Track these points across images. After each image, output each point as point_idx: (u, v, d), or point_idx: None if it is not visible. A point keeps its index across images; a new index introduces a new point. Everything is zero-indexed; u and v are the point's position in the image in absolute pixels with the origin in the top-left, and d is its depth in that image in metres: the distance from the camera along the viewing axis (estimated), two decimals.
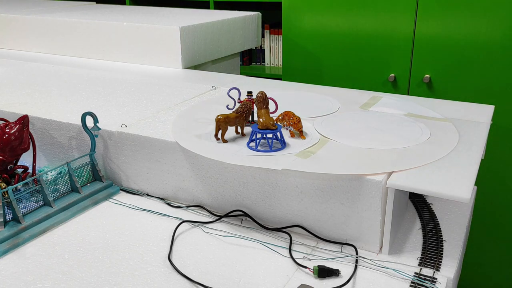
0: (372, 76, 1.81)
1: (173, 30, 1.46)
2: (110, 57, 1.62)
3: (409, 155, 0.80)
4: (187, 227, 0.85)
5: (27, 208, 0.86)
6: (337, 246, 0.78)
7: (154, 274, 0.72)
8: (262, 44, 2.62)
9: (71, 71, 1.46)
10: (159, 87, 1.26)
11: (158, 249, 0.78)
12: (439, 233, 0.81)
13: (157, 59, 1.53)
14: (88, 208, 0.91)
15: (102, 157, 0.99)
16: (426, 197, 0.93)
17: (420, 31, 1.68)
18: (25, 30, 1.78)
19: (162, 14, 1.80)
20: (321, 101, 1.10)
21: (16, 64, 1.57)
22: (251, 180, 0.83)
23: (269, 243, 0.79)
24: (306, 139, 0.88)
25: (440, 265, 0.73)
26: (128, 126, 0.96)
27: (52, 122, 1.03)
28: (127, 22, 1.57)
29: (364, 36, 1.78)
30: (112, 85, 1.29)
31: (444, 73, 1.68)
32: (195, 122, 0.98)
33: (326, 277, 0.71)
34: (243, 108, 0.89)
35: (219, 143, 0.87)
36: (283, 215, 0.82)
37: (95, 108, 1.09)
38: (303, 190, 0.78)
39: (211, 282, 0.70)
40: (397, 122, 0.95)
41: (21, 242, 0.80)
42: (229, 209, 0.87)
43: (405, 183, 0.71)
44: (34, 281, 0.71)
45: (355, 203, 0.75)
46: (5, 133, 0.91)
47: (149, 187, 0.96)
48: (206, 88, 1.25)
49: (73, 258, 0.76)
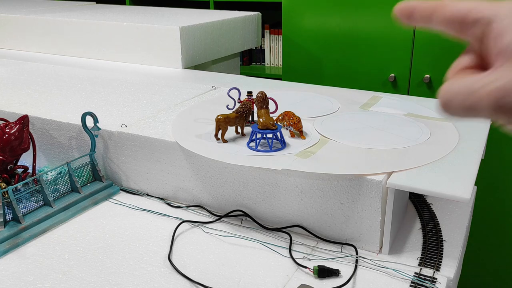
0: (372, 76, 1.81)
1: (173, 30, 1.46)
2: (110, 57, 1.62)
3: (409, 155, 0.80)
4: (187, 227, 0.85)
5: (27, 208, 0.86)
6: (337, 246, 0.78)
7: (154, 274, 0.72)
8: (262, 44, 2.62)
9: (71, 71, 1.46)
10: (159, 87, 1.26)
11: (158, 249, 0.78)
12: (439, 233, 0.81)
13: (157, 59, 1.53)
14: (88, 208, 0.91)
15: (102, 157, 0.99)
16: (426, 197, 0.93)
17: (420, 31, 1.68)
18: (25, 30, 1.78)
19: (162, 14, 1.80)
20: (321, 101, 1.10)
21: (16, 64, 1.57)
22: (251, 180, 0.83)
23: (269, 243, 0.79)
24: (306, 139, 0.88)
25: (440, 265, 0.73)
26: (128, 126, 0.96)
27: (52, 122, 1.03)
28: (127, 22, 1.57)
29: (364, 36, 1.78)
30: (112, 85, 1.29)
31: (444, 73, 1.67)
32: (195, 122, 0.98)
33: (326, 277, 0.71)
34: (243, 108, 0.89)
35: (219, 143, 0.87)
36: (283, 215, 0.82)
37: (95, 108, 1.09)
38: (303, 190, 0.78)
39: (211, 282, 0.70)
40: (397, 122, 0.95)
41: (21, 242, 0.80)
42: (229, 209, 0.87)
43: (405, 183, 0.71)
44: (34, 281, 0.71)
45: (355, 203, 0.75)
46: (5, 133, 0.91)
47: (149, 187, 0.96)
48: (206, 88, 1.25)
49: (73, 258, 0.76)
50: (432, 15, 0.31)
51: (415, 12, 0.32)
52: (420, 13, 0.32)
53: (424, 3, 0.32)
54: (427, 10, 0.32)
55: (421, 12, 0.32)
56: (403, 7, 0.32)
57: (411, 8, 0.32)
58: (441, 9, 0.31)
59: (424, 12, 0.32)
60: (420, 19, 0.32)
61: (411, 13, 0.32)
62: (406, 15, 0.32)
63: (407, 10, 0.32)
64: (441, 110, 0.31)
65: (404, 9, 0.32)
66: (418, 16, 0.32)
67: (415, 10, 0.32)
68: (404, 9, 0.32)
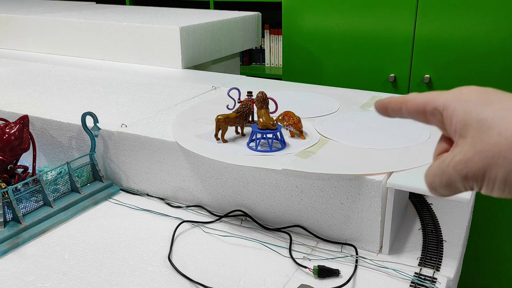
0: (372, 76, 1.81)
1: (173, 30, 1.46)
2: (110, 57, 1.62)
3: (409, 155, 0.80)
4: (187, 227, 0.85)
5: (27, 208, 0.86)
6: (337, 246, 0.78)
7: (154, 274, 0.72)
8: (262, 44, 2.62)
9: (71, 71, 1.46)
10: (159, 87, 1.26)
11: (158, 249, 0.78)
12: (439, 233, 0.81)
13: (157, 59, 1.53)
14: (88, 208, 0.91)
15: (102, 157, 0.99)
16: (426, 197, 0.93)
17: (420, 31, 1.68)
18: (25, 30, 1.78)
19: (162, 14, 1.80)
20: (321, 101, 1.10)
21: (16, 64, 1.57)
22: (251, 180, 0.83)
23: (269, 243, 0.79)
24: (306, 139, 0.88)
25: (440, 265, 0.73)
26: (128, 126, 0.96)
27: (52, 122, 1.03)
28: (127, 22, 1.57)
29: (364, 36, 1.78)
30: (112, 85, 1.29)
31: (444, 73, 1.68)
32: (195, 122, 0.98)
33: (326, 277, 0.71)
34: (243, 108, 0.89)
35: (219, 143, 0.87)
36: (283, 215, 0.82)
37: (95, 108, 1.09)
38: (303, 190, 0.78)
39: (211, 282, 0.70)
40: (397, 122, 0.95)
41: (21, 242, 0.80)
42: (229, 209, 0.87)
43: (405, 183, 0.71)
44: (34, 281, 0.71)
45: (355, 203, 0.75)
46: (5, 133, 0.91)
47: (149, 187, 0.96)
48: (206, 88, 1.25)
49: (73, 258, 0.76)
50: (400, 109, 0.37)
51: (388, 108, 0.38)
52: (392, 108, 0.38)
53: (394, 99, 0.38)
54: (396, 106, 0.37)
55: (392, 107, 0.38)
56: (380, 103, 0.39)
57: (385, 104, 0.38)
58: (405, 104, 0.37)
59: (394, 107, 0.38)
60: (393, 113, 0.38)
61: (386, 108, 0.38)
62: (383, 110, 0.39)
63: (383, 106, 0.38)
64: (430, 193, 0.35)
65: (380, 105, 0.39)
66: (390, 110, 0.38)
67: (388, 105, 0.38)
68: (380, 105, 0.39)
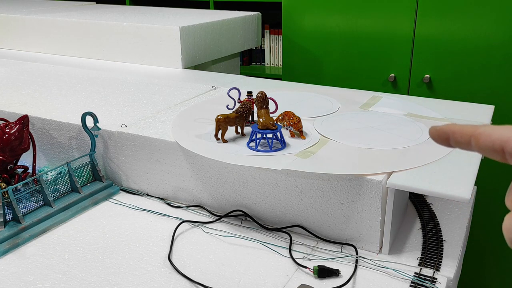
0: (372, 76, 1.81)
1: (173, 30, 1.46)
2: (110, 57, 1.62)
3: (409, 155, 0.80)
4: (187, 227, 0.85)
5: (27, 208, 0.86)
6: (337, 246, 0.78)
7: (154, 274, 0.72)
8: (262, 44, 2.62)
9: (71, 71, 1.46)
10: (159, 87, 1.26)
11: (158, 249, 0.78)
12: (439, 233, 0.81)
13: (157, 59, 1.53)
14: (88, 208, 0.91)
15: (102, 157, 0.99)
16: (426, 197, 0.93)
17: (420, 31, 1.68)
18: (25, 30, 1.78)
19: (162, 14, 1.80)
20: (321, 101, 1.10)
21: (16, 64, 1.57)
22: (251, 180, 0.83)
23: (269, 243, 0.79)
24: (306, 139, 0.88)
25: (440, 265, 0.73)
26: (128, 126, 0.96)
27: (52, 122, 1.03)
28: (127, 22, 1.57)
29: (364, 36, 1.78)
30: (112, 85, 1.29)
31: (444, 73, 1.68)
32: (195, 122, 0.98)
33: (326, 277, 0.71)
34: (243, 108, 0.89)
35: (219, 143, 0.87)
36: (283, 215, 0.82)
37: (95, 108, 1.09)
38: (303, 190, 0.78)
39: (211, 282, 0.70)
40: (397, 122, 0.95)
41: (21, 242, 0.80)
42: (229, 209, 0.87)
43: (405, 183, 0.71)
44: (34, 281, 0.71)
45: (355, 203, 0.75)
46: (5, 133, 0.91)
47: (149, 187, 0.96)
48: (206, 88, 1.25)
49: (73, 258, 0.76)
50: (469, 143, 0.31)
51: (451, 139, 0.32)
52: (456, 140, 0.32)
53: (460, 129, 0.31)
54: (463, 139, 0.31)
55: (457, 139, 0.32)
56: (439, 132, 0.32)
57: (446, 133, 0.32)
58: (476, 139, 0.30)
59: (460, 139, 0.32)
60: (456, 144, 0.32)
61: (447, 139, 0.32)
62: (442, 140, 0.33)
63: (443, 135, 0.32)
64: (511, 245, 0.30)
65: (440, 134, 0.33)
66: (454, 142, 0.32)
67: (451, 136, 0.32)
68: (440, 134, 0.33)
